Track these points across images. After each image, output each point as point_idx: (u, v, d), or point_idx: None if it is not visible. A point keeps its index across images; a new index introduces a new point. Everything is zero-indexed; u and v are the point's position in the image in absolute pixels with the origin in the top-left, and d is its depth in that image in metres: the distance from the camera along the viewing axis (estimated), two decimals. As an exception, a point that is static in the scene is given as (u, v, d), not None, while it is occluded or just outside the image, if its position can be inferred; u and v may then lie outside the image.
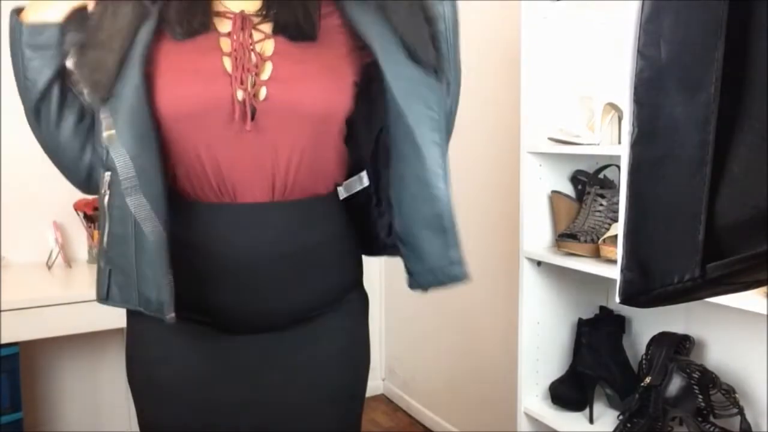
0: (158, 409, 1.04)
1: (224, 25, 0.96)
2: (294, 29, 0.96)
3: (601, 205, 1.63)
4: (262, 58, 0.94)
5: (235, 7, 0.97)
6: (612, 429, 1.47)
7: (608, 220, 1.60)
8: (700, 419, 1.37)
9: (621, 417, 1.47)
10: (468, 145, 2.38)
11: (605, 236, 1.53)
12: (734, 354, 1.50)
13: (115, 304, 0.99)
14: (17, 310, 1.79)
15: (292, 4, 0.96)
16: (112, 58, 0.90)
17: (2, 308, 1.77)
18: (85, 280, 2.11)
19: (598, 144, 1.57)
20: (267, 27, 0.97)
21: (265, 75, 0.94)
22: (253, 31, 0.95)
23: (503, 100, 2.12)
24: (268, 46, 0.96)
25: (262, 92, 0.93)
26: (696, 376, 1.38)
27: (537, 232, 1.74)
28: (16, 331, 1.80)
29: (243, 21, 0.95)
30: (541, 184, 1.73)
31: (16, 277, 2.07)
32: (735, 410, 1.35)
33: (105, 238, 0.98)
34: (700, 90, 0.45)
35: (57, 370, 2.36)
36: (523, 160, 1.71)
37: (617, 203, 1.61)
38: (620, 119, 1.57)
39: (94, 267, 0.96)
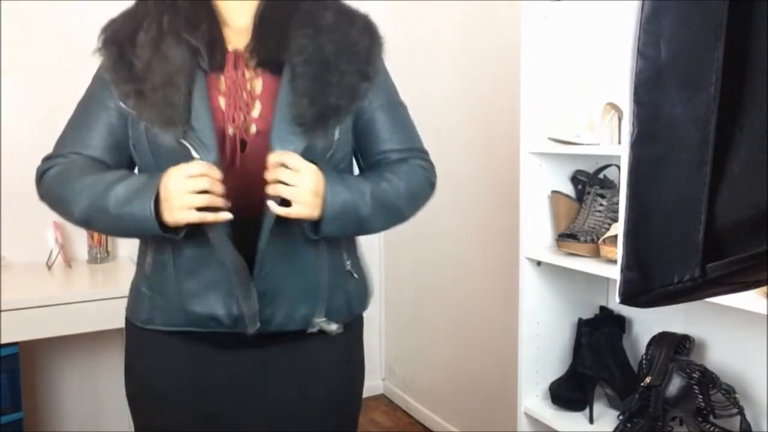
0: (156, 418, 1.07)
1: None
2: (275, 65, 1.01)
3: (601, 205, 1.63)
4: (252, 97, 1.00)
5: (233, 39, 1.04)
6: (612, 429, 1.47)
7: (608, 220, 1.60)
8: (700, 419, 1.37)
9: (621, 417, 1.47)
10: (468, 145, 2.38)
11: (605, 236, 1.53)
12: (734, 354, 1.50)
13: (157, 327, 1.06)
14: (17, 310, 1.79)
15: (272, 42, 1.02)
16: (179, 96, 0.96)
17: (2, 308, 1.77)
18: (85, 280, 2.11)
19: (598, 144, 1.57)
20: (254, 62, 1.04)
21: (255, 113, 1.00)
22: (246, 69, 1.02)
23: (503, 100, 2.12)
24: (258, 85, 1.02)
25: (252, 128, 1.00)
26: (696, 376, 1.38)
27: (537, 232, 1.74)
28: (16, 331, 1.80)
29: (236, 60, 1.01)
30: (541, 184, 1.73)
31: (16, 277, 2.07)
32: (735, 410, 1.35)
33: (148, 266, 1.06)
34: (700, 90, 0.45)
35: (57, 370, 2.36)
36: (523, 160, 1.70)
37: (617, 203, 1.61)
38: (620, 119, 1.57)
39: (94, 267, 0.98)
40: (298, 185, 0.94)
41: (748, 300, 1.20)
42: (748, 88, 0.44)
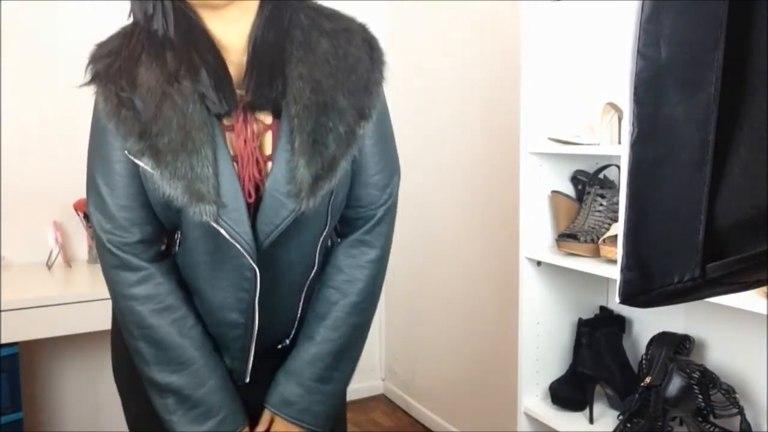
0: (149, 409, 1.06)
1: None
2: (274, 107, 0.94)
3: (601, 205, 1.63)
4: (264, 159, 0.94)
5: (231, 70, 0.93)
6: (612, 429, 1.47)
7: (608, 220, 1.60)
8: (700, 419, 1.37)
9: (621, 417, 1.47)
10: (468, 145, 2.38)
11: (605, 236, 1.53)
12: (734, 354, 1.50)
13: None
14: (17, 310, 1.79)
15: (269, 81, 0.92)
16: (207, 167, 0.88)
17: (2, 308, 1.77)
18: (85, 280, 2.11)
19: (598, 144, 1.57)
20: (263, 114, 0.95)
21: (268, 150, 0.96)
22: (254, 122, 0.94)
23: (503, 100, 2.12)
24: (267, 141, 0.95)
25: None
26: (696, 376, 1.38)
27: (537, 232, 1.74)
28: (16, 331, 1.80)
29: (245, 113, 0.93)
30: (541, 184, 1.73)
31: (16, 277, 2.07)
32: (735, 410, 1.35)
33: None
34: (700, 90, 0.45)
35: (57, 370, 2.36)
36: (523, 160, 1.70)
37: (617, 203, 1.61)
38: (620, 119, 1.57)
39: (94, 267, 0.97)
40: None
41: (748, 300, 1.20)
42: (748, 88, 0.44)
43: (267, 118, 0.95)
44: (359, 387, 2.91)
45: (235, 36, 0.91)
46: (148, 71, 0.89)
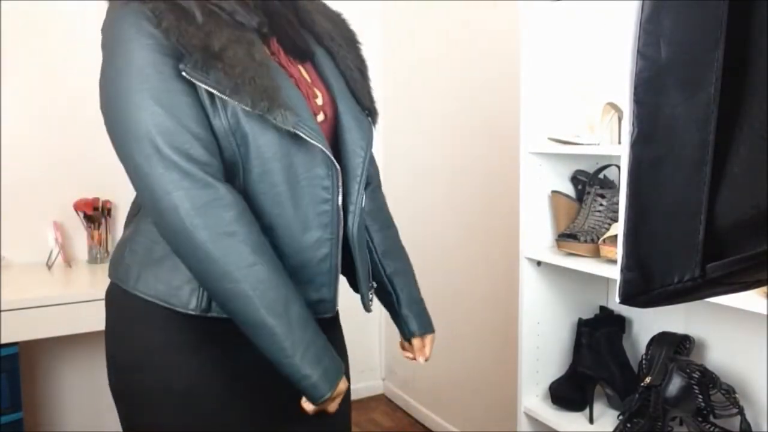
0: (177, 418, 0.99)
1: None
2: (295, 51, 1.02)
3: (601, 205, 1.63)
4: (312, 84, 1.03)
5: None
6: (612, 429, 1.47)
7: (608, 220, 1.60)
8: (700, 419, 1.37)
9: (621, 417, 1.47)
10: (468, 145, 2.38)
11: (605, 236, 1.53)
12: (734, 354, 1.50)
13: (216, 314, 0.96)
14: (17, 310, 1.79)
15: (286, 25, 1.02)
16: (270, 78, 0.90)
17: (2, 308, 1.77)
18: (85, 280, 2.11)
19: (598, 144, 1.57)
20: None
21: (319, 100, 1.02)
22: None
23: (503, 100, 2.12)
24: (304, 73, 1.03)
25: (320, 116, 1.01)
26: (696, 376, 1.38)
27: (537, 232, 1.74)
28: (16, 331, 1.80)
29: (279, 48, 1.01)
30: (541, 184, 1.73)
31: (16, 277, 2.07)
32: (735, 410, 1.35)
33: None
34: (700, 90, 0.45)
35: (57, 370, 2.36)
36: (523, 160, 1.71)
37: (617, 203, 1.61)
38: (620, 119, 1.57)
39: (94, 267, 0.95)
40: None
41: (748, 300, 1.20)
42: (748, 88, 0.44)
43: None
44: (359, 387, 2.90)
45: None
46: None
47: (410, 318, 1.24)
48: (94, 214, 2.24)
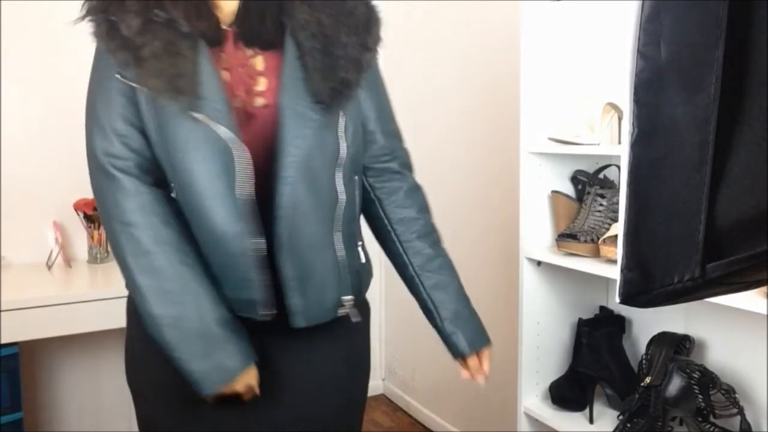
0: (177, 414, 1.03)
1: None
2: (271, 44, 1.00)
3: (601, 205, 1.63)
4: (255, 72, 0.99)
5: (224, 19, 1.00)
6: (612, 429, 1.47)
7: (608, 220, 1.60)
8: (700, 419, 1.37)
9: (621, 417, 1.47)
10: (468, 145, 2.38)
11: (605, 236, 1.53)
12: (734, 354, 1.50)
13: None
14: (17, 310, 1.79)
15: (266, 20, 1.00)
16: (187, 65, 0.91)
17: (2, 308, 1.76)
18: (85, 280, 2.11)
19: (598, 144, 1.57)
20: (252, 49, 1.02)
21: (260, 87, 0.99)
22: (244, 48, 1.00)
23: (503, 100, 2.12)
24: (259, 62, 1.00)
25: (259, 101, 0.99)
26: (696, 376, 1.38)
27: (537, 232, 1.74)
28: (16, 331, 1.80)
29: (234, 37, 1.00)
30: (541, 184, 1.73)
31: (16, 277, 2.07)
32: (735, 410, 1.35)
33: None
34: (700, 90, 0.45)
35: (57, 370, 2.36)
36: (523, 160, 1.70)
37: (617, 203, 1.61)
38: (620, 119, 1.57)
39: (94, 267, 0.95)
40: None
41: (748, 300, 1.20)
42: (748, 88, 0.44)
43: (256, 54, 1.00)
44: (359, 387, 2.91)
45: None
46: None
47: (456, 335, 1.20)
48: (94, 214, 2.24)
